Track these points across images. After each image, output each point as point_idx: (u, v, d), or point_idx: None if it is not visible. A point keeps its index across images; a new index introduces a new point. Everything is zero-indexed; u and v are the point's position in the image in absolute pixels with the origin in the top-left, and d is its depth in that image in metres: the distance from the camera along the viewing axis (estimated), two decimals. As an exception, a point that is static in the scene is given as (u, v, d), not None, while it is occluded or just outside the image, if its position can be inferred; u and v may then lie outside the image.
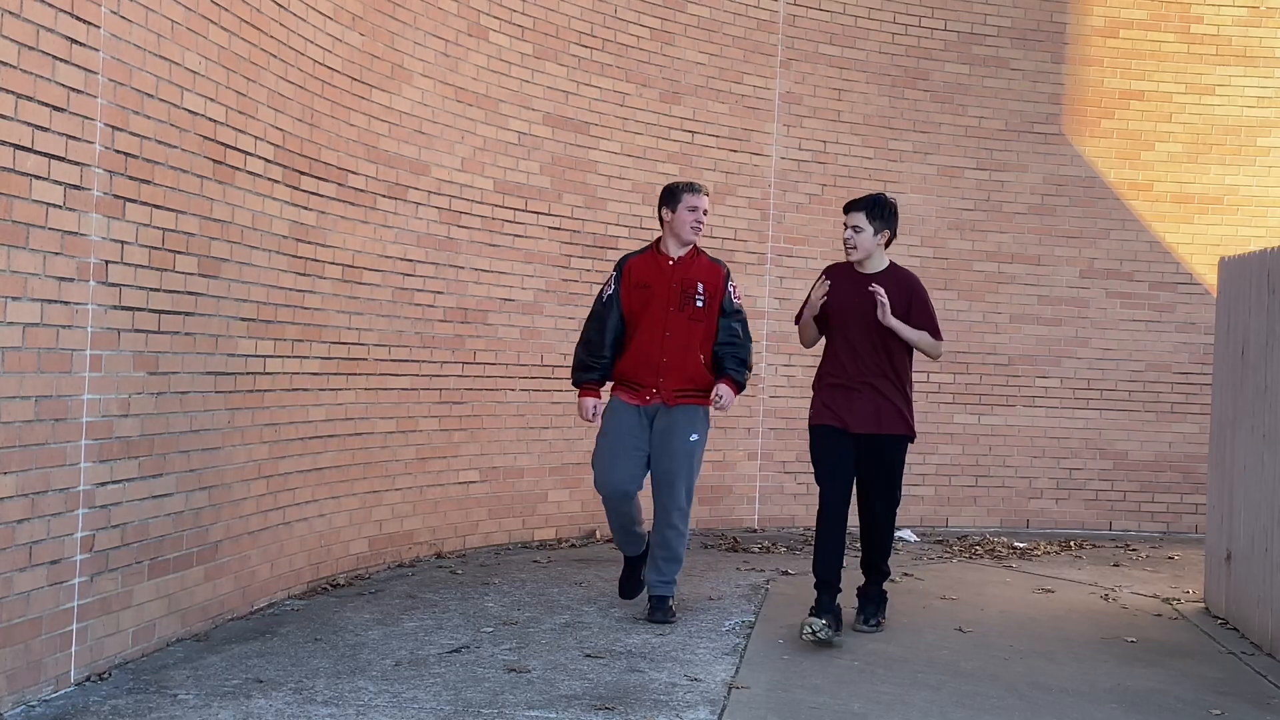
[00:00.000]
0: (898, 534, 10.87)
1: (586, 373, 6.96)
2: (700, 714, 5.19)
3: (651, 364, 6.83)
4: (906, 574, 8.86)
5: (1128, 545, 10.83)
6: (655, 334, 6.84)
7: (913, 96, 11.50)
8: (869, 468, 6.82)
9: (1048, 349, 11.70)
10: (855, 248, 6.84)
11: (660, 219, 6.99)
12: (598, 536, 9.85)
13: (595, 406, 6.90)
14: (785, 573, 8.64)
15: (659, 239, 7.03)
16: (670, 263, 6.91)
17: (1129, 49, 11.78)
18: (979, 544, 10.43)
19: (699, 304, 6.86)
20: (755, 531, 10.79)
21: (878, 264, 6.93)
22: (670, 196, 6.96)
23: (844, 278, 6.90)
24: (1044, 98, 11.74)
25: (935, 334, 6.90)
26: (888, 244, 6.95)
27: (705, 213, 6.92)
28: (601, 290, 6.98)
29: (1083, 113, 11.79)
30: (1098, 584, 8.82)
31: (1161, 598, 8.38)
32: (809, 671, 5.99)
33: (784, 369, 11.05)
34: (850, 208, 6.91)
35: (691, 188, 6.94)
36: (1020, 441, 11.67)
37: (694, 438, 6.86)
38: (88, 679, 5.32)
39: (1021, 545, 10.44)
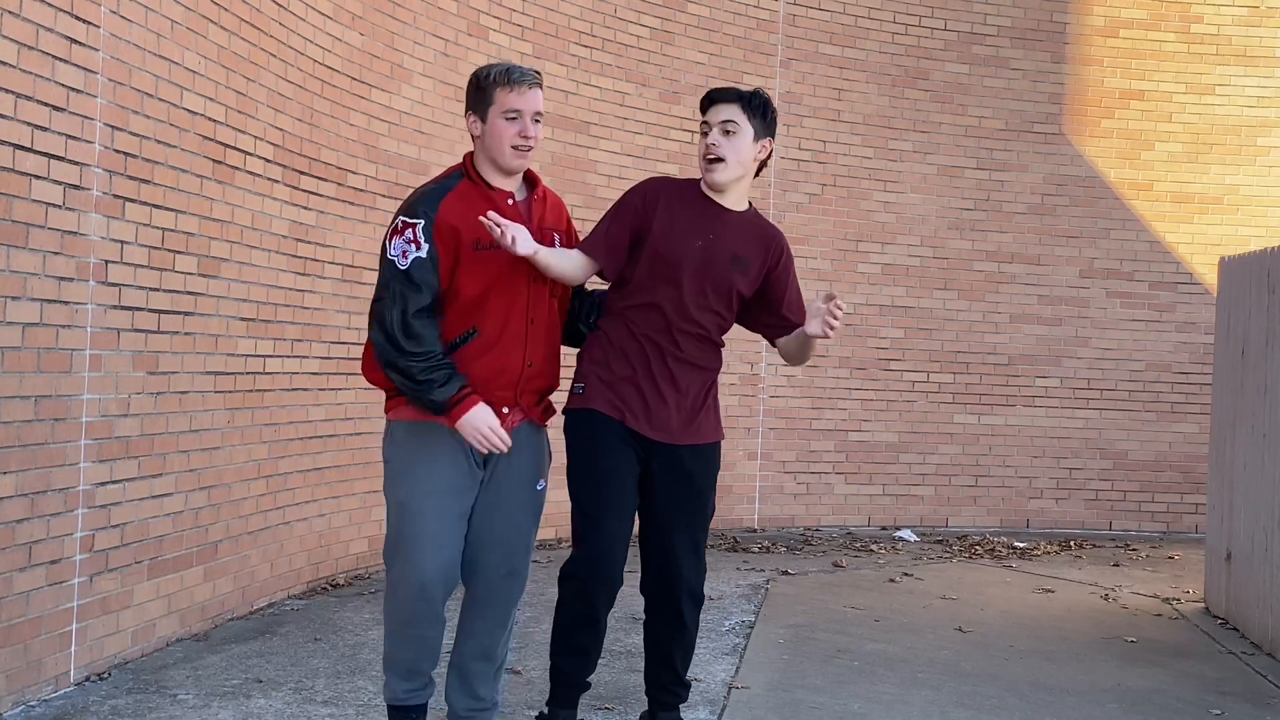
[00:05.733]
0: (898, 533, 10.88)
1: (447, 383, 4.06)
2: (700, 714, 5.19)
3: (511, 372, 4.19)
4: (906, 574, 8.86)
5: (1128, 545, 10.83)
6: (514, 324, 4.18)
7: (913, 96, 11.50)
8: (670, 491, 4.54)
9: (1048, 349, 11.70)
10: (722, 159, 4.37)
11: (471, 133, 4.28)
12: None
13: (492, 420, 4.10)
14: (785, 573, 8.64)
15: (467, 158, 4.28)
16: (511, 202, 4.21)
17: (1129, 49, 11.78)
18: (979, 544, 10.43)
19: None
20: (755, 531, 10.79)
21: (740, 196, 4.51)
22: (479, 96, 4.21)
23: (683, 202, 4.47)
24: (1044, 98, 11.74)
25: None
26: (761, 168, 4.53)
27: (539, 118, 4.23)
28: (387, 246, 4.13)
29: (1083, 113, 11.79)
30: (1098, 584, 8.82)
31: (1161, 598, 8.38)
32: (809, 671, 5.99)
33: (784, 369, 11.04)
34: (716, 98, 4.45)
35: (510, 77, 4.17)
36: (1020, 441, 11.67)
37: (541, 485, 4.38)
38: (87, 679, 5.32)
39: (1021, 545, 10.44)
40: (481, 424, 4.05)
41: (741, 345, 10.77)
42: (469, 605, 4.33)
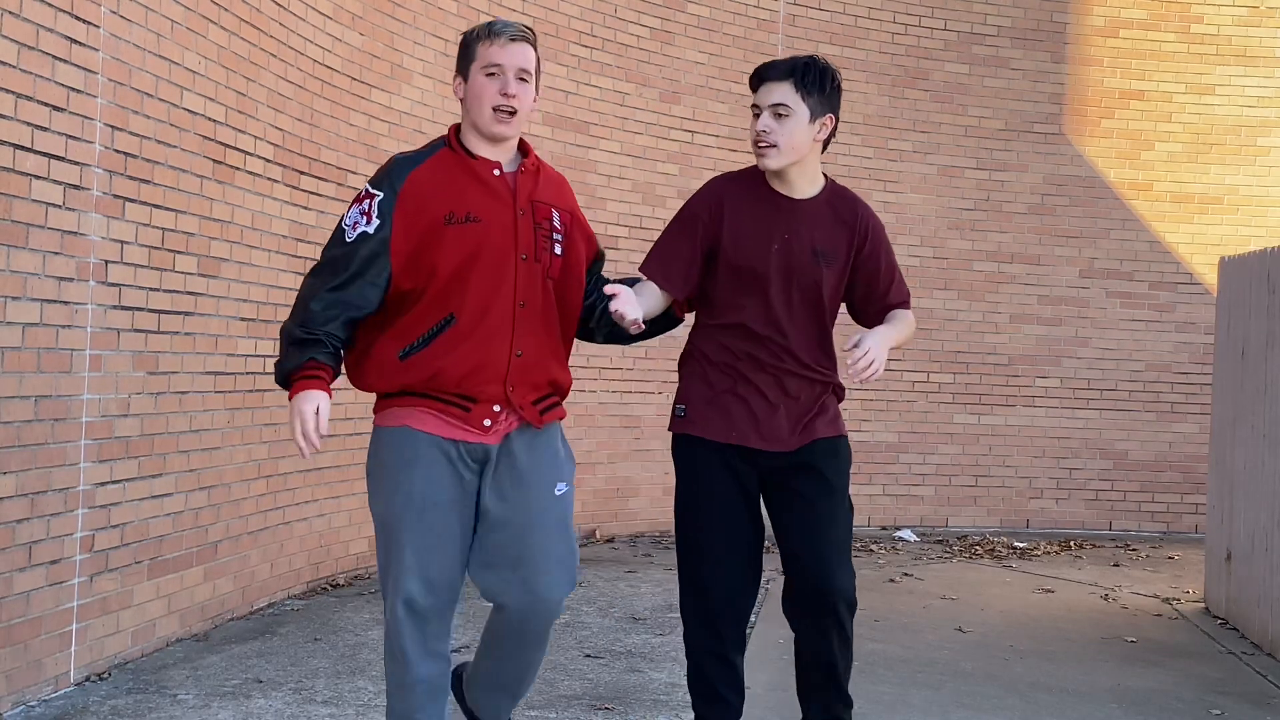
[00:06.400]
0: (897, 533, 10.87)
1: (304, 348, 3.63)
2: (700, 714, 5.18)
3: (495, 364, 3.65)
4: (906, 574, 8.86)
5: (1128, 545, 10.83)
6: (499, 307, 3.65)
7: (913, 96, 11.50)
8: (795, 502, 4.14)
9: (1048, 349, 11.70)
10: (775, 145, 3.95)
11: (456, 96, 3.79)
12: (597, 536, 9.85)
13: (321, 409, 3.56)
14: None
15: (452, 128, 3.80)
16: (497, 174, 3.71)
17: (1129, 49, 11.78)
18: (979, 544, 10.42)
19: (557, 250, 3.78)
20: (755, 531, 10.78)
21: (810, 179, 4.07)
22: (464, 54, 3.74)
23: (749, 202, 4.07)
24: (1044, 98, 11.74)
25: (907, 302, 4.25)
26: (828, 141, 4.07)
27: (525, 77, 3.70)
28: (345, 212, 3.70)
29: (1083, 113, 11.79)
30: (1098, 584, 8.82)
31: (1161, 598, 8.38)
32: (809, 671, 5.98)
33: (784, 369, 11.03)
34: (765, 76, 4.01)
35: (491, 29, 3.69)
36: (1020, 441, 11.66)
37: (562, 488, 3.78)
38: (87, 679, 5.32)
39: (1021, 545, 10.44)
40: (302, 412, 3.52)
41: (741, 345, 10.77)
42: (504, 616, 3.75)
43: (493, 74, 3.65)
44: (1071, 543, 10.74)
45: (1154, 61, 11.79)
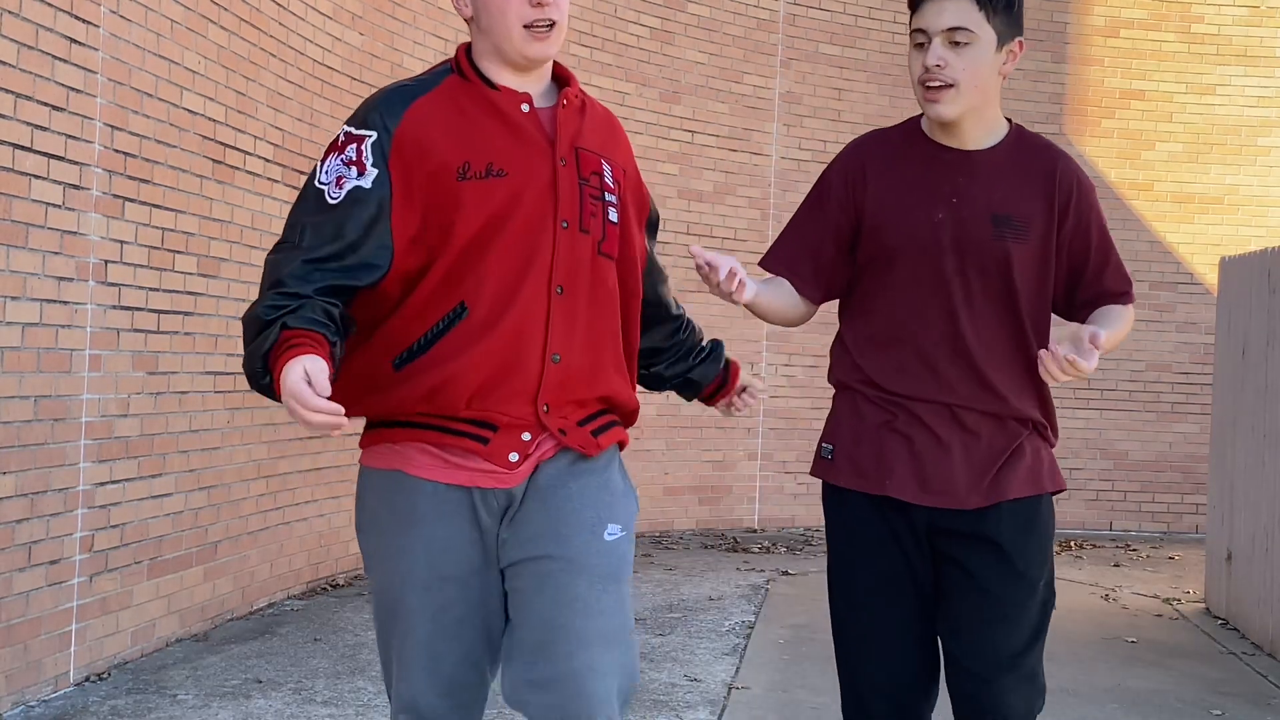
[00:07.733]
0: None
1: (273, 322, 2.46)
2: (700, 714, 5.19)
3: (525, 372, 2.61)
4: (906, 574, 8.86)
5: (1128, 545, 10.83)
6: (529, 293, 2.60)
7: (913, 97, 11.49)
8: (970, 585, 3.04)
9: (1048, 349, 11.70)
10: (954, 84, 2.94)
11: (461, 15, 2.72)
12: (598, 536, 9.84)
13: (311, 370, 2.41)
14: (785, 573, 8.64)
15: (460, 49, 2.73)
16: (526, 109, 2.68)
17: (1129, 49, 11.78)
18: (979, 544, 10.42)
19: (612, 216, 2.70)
20: (755, 531, 10.79)
21: (988, 124, 3.06)
22: None
23: (902, 162, 3.03)
24: (1044, 98, 11.73)
25: (1127, 294, 3.01)
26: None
27: None
28: (317, 171, 2.58)
29: (1083, 113, 11.79)
30: (1098, 584, 8.82)
31: (1162, 598, 8.38)
32: (809, 672, 5.98)
33: (784, 369, 11.04)
34: None
35: None
36: (1020, 441, 11.66)
37: (614, 533, 2.69)
38: (87, 679, 5.32)
39: (1022, 545, 10.44)
40: (290, 389, 2.39)
41: (740, 345, 10.78)
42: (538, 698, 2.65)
43: None
44: (1071, 543, 10.74)
45: (1154, 61, 11.80)
